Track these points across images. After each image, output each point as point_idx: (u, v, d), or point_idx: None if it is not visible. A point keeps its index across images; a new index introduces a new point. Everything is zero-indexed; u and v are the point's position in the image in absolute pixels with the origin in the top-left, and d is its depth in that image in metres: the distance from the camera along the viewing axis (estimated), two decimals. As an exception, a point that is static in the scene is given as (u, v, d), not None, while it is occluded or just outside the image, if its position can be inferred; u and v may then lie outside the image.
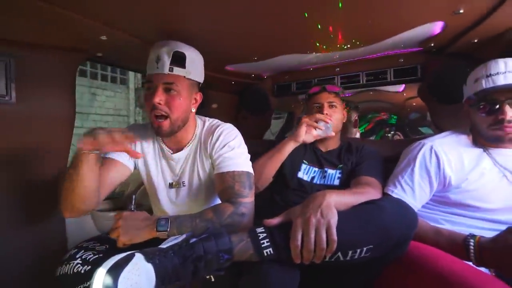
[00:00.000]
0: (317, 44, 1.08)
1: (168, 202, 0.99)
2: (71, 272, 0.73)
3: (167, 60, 0.84)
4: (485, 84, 0.82)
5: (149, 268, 0.57)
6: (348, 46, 1.09)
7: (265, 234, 0.68)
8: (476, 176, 0.86)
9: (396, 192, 0.91)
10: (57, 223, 1.03)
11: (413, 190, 0.90)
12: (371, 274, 0.76)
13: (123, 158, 0.93)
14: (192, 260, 0.61)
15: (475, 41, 1.03)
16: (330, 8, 0.79)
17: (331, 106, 1.16)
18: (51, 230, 1.01)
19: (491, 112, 0.83)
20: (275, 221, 0.71)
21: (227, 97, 1.68)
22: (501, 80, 0.80)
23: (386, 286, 0.75)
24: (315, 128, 1.10)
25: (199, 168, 0.96)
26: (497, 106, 0.82)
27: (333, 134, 1.12)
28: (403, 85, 1.97)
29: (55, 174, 1.01)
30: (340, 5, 0.74)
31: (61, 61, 0.97)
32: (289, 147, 1.11)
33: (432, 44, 1.12)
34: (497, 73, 0.81)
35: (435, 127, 1.35)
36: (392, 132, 3.28)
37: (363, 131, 3.22)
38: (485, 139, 0.88)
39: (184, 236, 0.67)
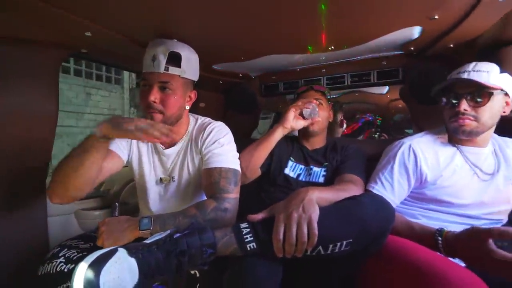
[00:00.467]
0: (304, 46, 1.09)
1: (157, 198, 0.99)
2: (54, 271, 0.70)
3: (163, 60, 0.84)
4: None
5: (132, 263, 0.56)
6: (333, 48, 1.10)
7: (248, 229, 0.68)
8: (449, 173, 0.88)
9: (377, 188, 0.93)
10: (39, 223, 1.00)
11: (392, 187, 0.91)
12: (352, 267, 0.77)
13: (119, 149, 0.93)
14: (176, 254, 0.60)
15: (451, 45, 1.05)
16: (316, 11, 0.80)
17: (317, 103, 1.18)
18: (32, 230, 0.98)
19: (452, 105, 0.86)
20: (259, 216, 0.71)
21: (215, 96, 1.66)
22: (464, 76, 0.83)
23: (367, 278, 0.76)
24: (302, 110, 1.09)
25: (189, 163, 0.96)
26: (456, 100, 0.85)
27: (319, 119, 1.12)
28: (387, 87, 2.01)
29: (37, 172, 0.98)
30: (323, 6, 0.74)
31: (43, 56, 0.93)
32: (278, 134, 1.09)
33: (412, 48, 1.14)
34: (464, 71, 0.84)
35: (416, 127, 1.38)
36: (378, 134, 3.31)
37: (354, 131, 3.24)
38: (450, 132, 0.91)
39: (168, 231, 0.66)
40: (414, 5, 0.79)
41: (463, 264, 0.68)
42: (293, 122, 1.09)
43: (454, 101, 0.86)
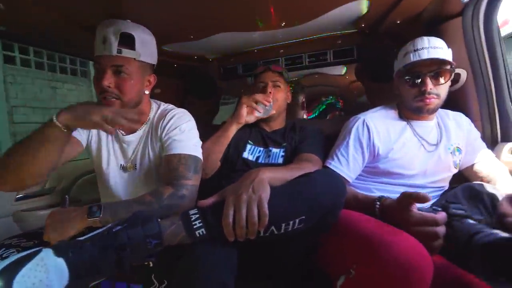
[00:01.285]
0: (253, 22, 1.02)
1: (120, 186, 0.91)
2: None
3: (114, 41, 0.76)
4: (412, 57, 0.84)
5: (59, 263, 0.48)
6: (285, 24, 1.04)
7: (197, 215, 0.62)
8: (399, 146, 0.89)
9: (334, 164, 0.92)
10: None
11: (348, 162, 0.91)
12: (310, 242, 0.75)
13: (77, 133, 0.85)
14: (114, 249, 0.53)
15: (398, 22, 1.04)
16: None
17: (275, 85, 1.13)
18: None
19: (415, 84, 0.86)
20: (209, 201, 0.66)
21: (171, 81, 1.54)
22: (425, 54, 0.83)
23: (327, 252, 0.75)
24: (253, 109, 1.05)
25: (150, 151, 0.89)
26: (420, 79, 0.84)
27: (274, 112, 1.09)
28: (345, 68, 2.01)
29: None
30: None
31: None
32: (233, 129, 1.06)
33: (363, 25, 1.11)
34: (422, 48, 0.83)
35: (371, 105, 1.39)
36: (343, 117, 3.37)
37: (317, 113, 3.26)
38: (410, 110, 0.91)
39: (108, 225, 0.59)
40: None
41: None
42: (246, 116, 1.06)
43: (417, 81, 0.85)
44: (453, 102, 0.99)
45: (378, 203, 0.74)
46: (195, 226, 0.61)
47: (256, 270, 0.76)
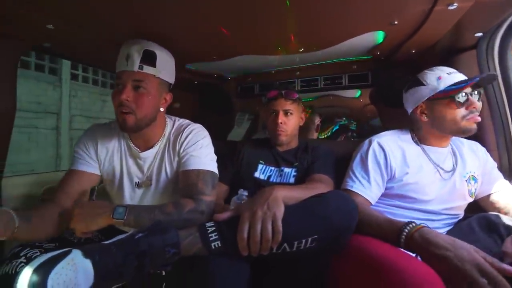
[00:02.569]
0: (274, 47, 1.09)
1: (135, 202, 0.94)
2: (13, 272, 0.65)
3: (137, 58, 0.81)
4: (452, 79, 0.85)
5: (87, 264, 0.53)
6: (302, 49, 1.11)
7: (214, 228, 0.66)
8: (415, 170, 0.90)
9: (356, 187, 0.90)
10: None
11: (370, 184, 0.90)
12: (320, 264, 0.76)
13: (88, 167, 0.90)
14: (136, 255, 0.57)
15: (413, 51, 1.09)
16: (283, 15, 0.80)
17: (286, 113, 1.13)
18: None
19: (462, 104, 0.84)
20: (225, 215, 0.70)
21: (189, 96, 1.61)
22: (459, 77, 0.85)
23: (337, 275, 0.75)
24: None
25: (167, 166, 0.92)
26: (466, 98, 0.84)
27: (284, 138, 1.13)
28: (359, 91, 2.05)
29: None
30: (287, 2, 0.73)
31: None
32: None
33: (379, 53, 1.17)
34: (451, 73, 0.87)
35: (384, 128, 1.41)
36: (354, 138, 3.38)
37: (330, 134, 3.28)
38: (457, 132, 0.88)
39: (130, 232, 0.63)
40: (374, 10, 0.80)
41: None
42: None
43: (463, 100, 0.84)
44: None
45: (406, 230, 0.65)
46: (211, 238, 0.64)
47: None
